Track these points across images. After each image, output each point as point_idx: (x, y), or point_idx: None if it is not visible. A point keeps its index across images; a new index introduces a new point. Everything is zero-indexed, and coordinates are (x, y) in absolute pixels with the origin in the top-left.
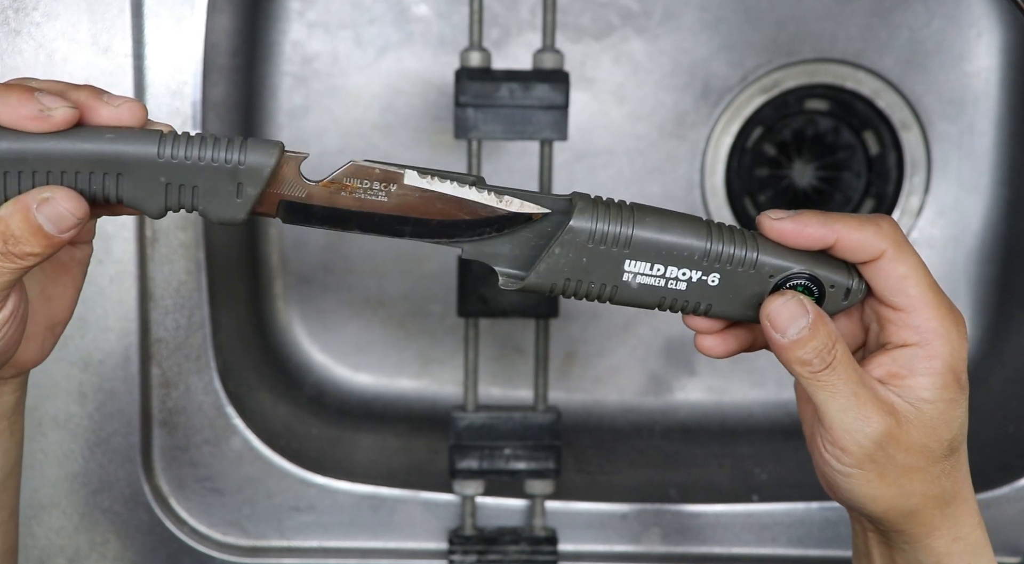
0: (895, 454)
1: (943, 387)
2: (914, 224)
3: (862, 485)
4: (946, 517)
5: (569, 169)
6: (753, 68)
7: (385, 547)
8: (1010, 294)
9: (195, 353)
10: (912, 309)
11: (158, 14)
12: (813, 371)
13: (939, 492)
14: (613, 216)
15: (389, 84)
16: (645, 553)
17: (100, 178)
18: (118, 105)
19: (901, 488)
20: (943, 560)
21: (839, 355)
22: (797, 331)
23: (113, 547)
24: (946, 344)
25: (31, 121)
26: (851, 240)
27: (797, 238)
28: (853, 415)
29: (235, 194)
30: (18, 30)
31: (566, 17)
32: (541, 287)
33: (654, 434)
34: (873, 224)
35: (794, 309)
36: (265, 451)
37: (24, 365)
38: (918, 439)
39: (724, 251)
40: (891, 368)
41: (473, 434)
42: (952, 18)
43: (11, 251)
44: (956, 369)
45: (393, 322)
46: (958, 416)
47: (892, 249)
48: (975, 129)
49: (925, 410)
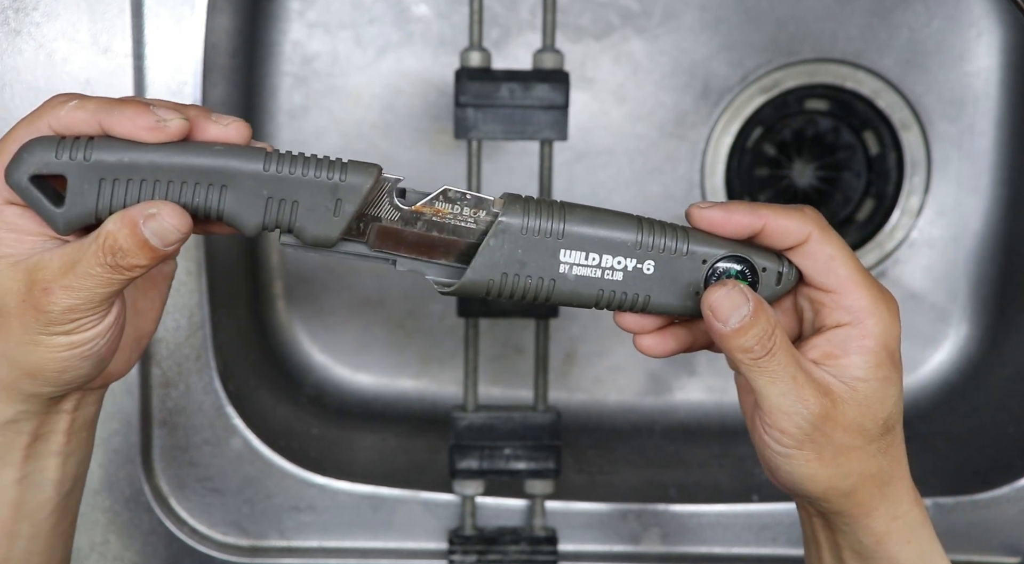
0: (832, 434)
1: (876, 365)
2: (914, 224)
3: (801, 465)
4: (884, 496)
5: (569, 169)
6: (753, 68)
7: (385, 547)
8: (1010, 294)
9: (195, 353)
10: (842, 290)
11: (158, 14)
12: (754, 358)
13: (876, 470)
14: (544, 211)
15: (389, 84)
16: (645, 553)
17: (205, 190)
18: (226, 124)
19: (839, 467)
20: (883, 539)
21: (778, 341)
22: (739, 319)
23: (113, 547)
24: (878, 323)
25: (147, 131)
26: (777, 226)
27: (726, 225)
28: (792, 398)
29: (333, 211)
30: (18, 30)
31: (566, 17)
32: (477, 285)
33: (654, 434)
34: (797, 211)
35: (735, 298)
36: (265, 451)
37: (111, 376)
38: (854, 418)
39: (656, 240)
40: (826, 349)
41: (473, 434)
42: (952, 18)
43: (119, 263)
44: (889, 347)
45: (393, 322)
46: (892, 394)
47: (817, 232)
48: (975, 129)
49: (860, 388)
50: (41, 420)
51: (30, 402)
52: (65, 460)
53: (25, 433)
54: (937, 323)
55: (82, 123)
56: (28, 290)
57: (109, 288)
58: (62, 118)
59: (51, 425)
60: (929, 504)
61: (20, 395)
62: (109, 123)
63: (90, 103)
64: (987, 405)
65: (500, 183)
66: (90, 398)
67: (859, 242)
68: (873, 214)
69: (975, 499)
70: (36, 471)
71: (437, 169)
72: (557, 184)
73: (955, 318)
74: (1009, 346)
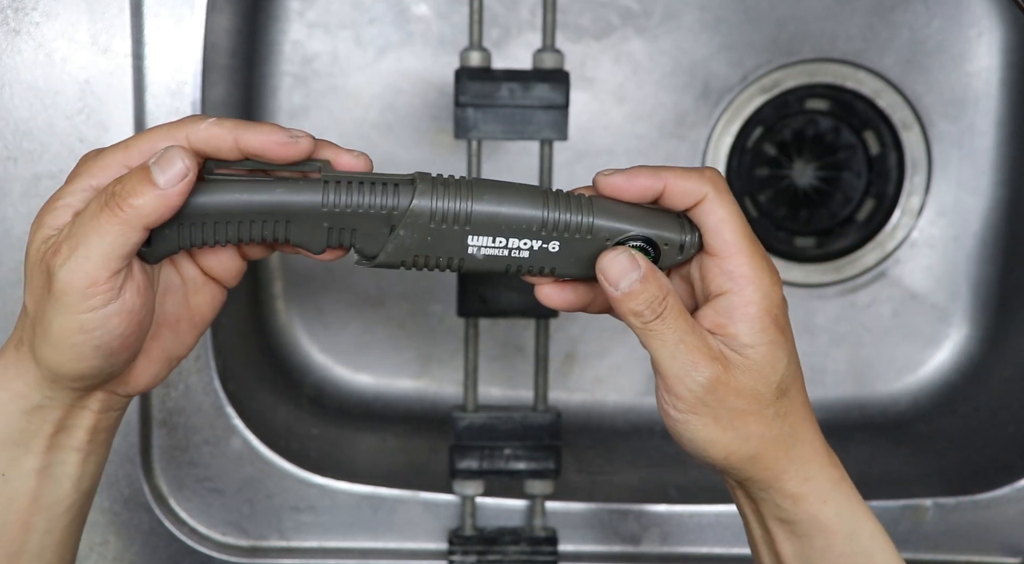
0: (725, 397)
1: (761, 331)
2: (914, 224)
3: (699, 430)
4: (792, 460)
5: (569, 169)
6: (753, 68)
7: (385, 547)
8: (1010, 294)
9: (195, 353)
10: (726, 254)
11: (158, 14)
12: (644, 321)
13: (777, 434)
14: (452, 194)
15: (389, 84)
16: (645, 553)
17: (271, 226)
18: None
19: (736, 431)
20: (799, 500)
21: (669, 305)
22: (628, 284)
23: (113, 547)
24: (757, 289)
25: (281, 146)
26: (676, 187)
27: (630, 189)
28: (682, 362)
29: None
30: (17, 30)
31: (566, 17)
32: (391, 265)
33: (654, 434)
34: (697, 172)
35: (624, 263)
36: (265, 451)
37: (138, 386)
38: (747, 383)
39: (560, 219)
40: (715, 319)
41: (473, 434)
42: (953, 18)
43: (119, 203)
44: (772, 312)
45: (393, 322)
46: (781, 358)
47: (712, 193)
48: (976, 129)
49: (749, 355)
50: (67, 411)
51: (56, 390)
52: (85, 458)
53: (50, 422)
54: (937, 323)
55: (218, 138)
56: (41, 258)
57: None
58: (200, 132)
59: (76, 418)
60: (929, 504)
61: (46, 382)
62: (246, 139)
63: (227, 121)
64: (987, 405)
65: None
66: (115, 403)
67: (859, 242)
68: (873, 214)
69: (975, 499)
70: (57, 464)
71: (437, 169)
72: (557, 184)
73: (955, 318)
74: (1009, 346)
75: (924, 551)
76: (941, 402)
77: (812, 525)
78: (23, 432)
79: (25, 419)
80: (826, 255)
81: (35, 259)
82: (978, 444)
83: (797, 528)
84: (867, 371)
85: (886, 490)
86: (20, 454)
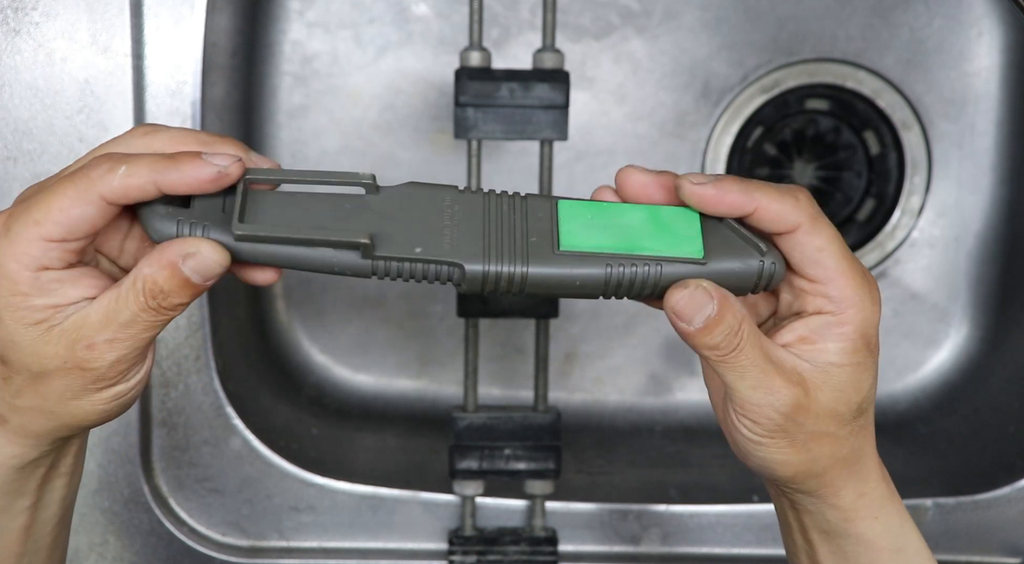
0: (804, 422)
1: (853, 351)
2: (914, 224)
3: (773, 453)
4: (852, 474)
5: (569, 169)
6: (753, 68)
7: (385, 547)
8: (1010, 294)
9: (195, 353)
10: (827, 281)
11: (157, 14)
12: (721, 355)
13: (847, 453)
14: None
15: (389, 84)
16: (645, 553)
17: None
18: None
19: (810, 452)
20: (849, 516)
21: (745, 335)
22: (703, 319)
23: (113, 547)
24: (859, 312)
25: (211, 183)
26: (769, 211)
27: (718, 205)
28: (762, 392)
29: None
30: (17, 30)
31: (566, 17)
32: None
33: (654, 434)
34: (792, 196)
35: (699, 299)
36: (265, 451)
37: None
38: (827, 404)
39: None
40: (802, 332)
41: (473, 434)
42: (953, 18)
43: (161, 305)
44: (867, 334)
45: (393, 322)
46: (866, 379)
47: (808, 222)
48: (976, 129)
49: (834, 374)
50: (59, 452)
51: (56, 443)
52: (71, 478)
53: (44, 465)
54: (937, 323)
55: (137, 190)
56: (70, 351)
57: (152, 332)
58: (116, 189)
59: (66, 451)
60: (929, 504)
61: (48, 440)
62: (168, 182)
63: (140, 167)
64: (988, 405)
65: (500, 183)
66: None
67: (859, 242)
68: (873, 214)
69: (975, 499)
70: (47, 492)
71: (437, 169)
72: (557, 184)
73: (955, 318)
74: (1009, 346)
75: None
76: (941, 402)
77: (859, 540)
78: (17, 481)
79: (19, 473)
80: None
81: None
82: (978, 444)
83: (843, 542)
84: None
85: None
86: (13, 500)
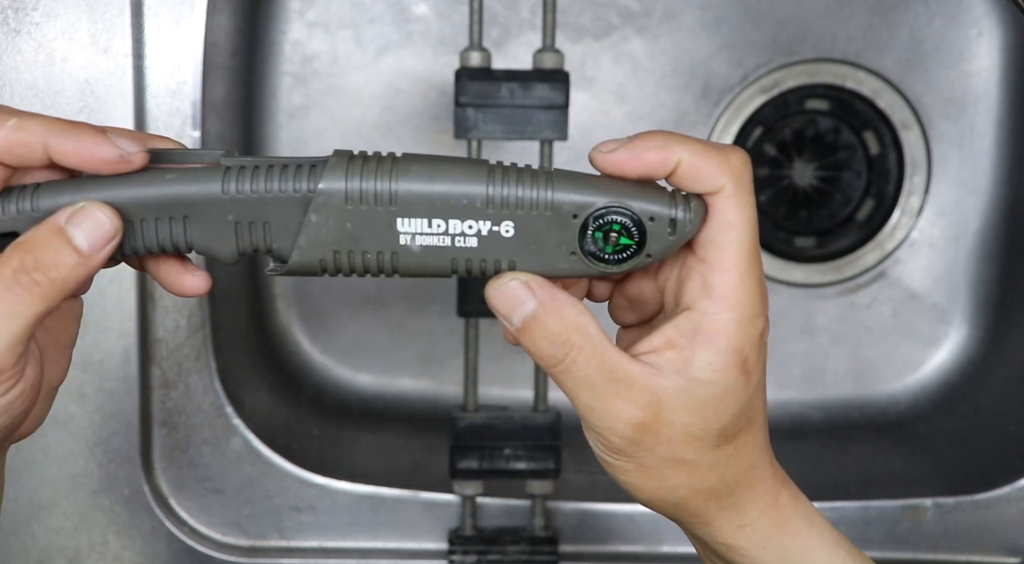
0: (654, 447)
1: (723, 369)
2: (914, 224)
3: (620, 475)
4: (723, 508)
5: (569, 169)
6: (753, 68)
7: (385, 547)
8: (1010, 294)
9: (195, 353)
10: (716, 265)
11: (158, 14)
12: (547, 365)
13: (711, 485)
14: (370, 170)
15: (389, 84)
16: (645, 553)
17: (166, 224)
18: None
19: (663, 481)
20: (732, 546)
21: (578, 347)
22: (521, 319)
23: (113, 547)
24: (735, 319)
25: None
26: (690, 168)
27: (636, 166)
28: (599, 413)
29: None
30: (18, 30)
31: (566, 17)
32: (310, 266)
33: None
34: (720, 153)
35: (512, 294)
36: (265, 451)
37: (24, 433)
38: (682, 428)
39: (510, 193)
40: (670, 336)
41: (473, 434)
42: (953, 18)
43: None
44: (742, 352)
45: (393, 322)
46: (732, 406)
47: (732, 186)
48: (975, 129)
49: (695, 392)
50: None
51: None
52: None
53: None
54: (937, 323)
55: (23, 146)
56: None
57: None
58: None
59: None
60: (929, 504)
61: None
62: (61, 151)
63: (34, 124)
64: (987, 405)
65: None
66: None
67: (859, 242)
68: (873, 214)
69: (975, 499)
70: None
71: None
72: None
73: (955, 318)
74: (1009, 346)
75: (924, 551)
76: (941, 402)
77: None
78: None
79: None
80: (826, 255)
81: None
82: (978, 444)
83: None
84: (867, 371)
85: (886, 490)
86: None
